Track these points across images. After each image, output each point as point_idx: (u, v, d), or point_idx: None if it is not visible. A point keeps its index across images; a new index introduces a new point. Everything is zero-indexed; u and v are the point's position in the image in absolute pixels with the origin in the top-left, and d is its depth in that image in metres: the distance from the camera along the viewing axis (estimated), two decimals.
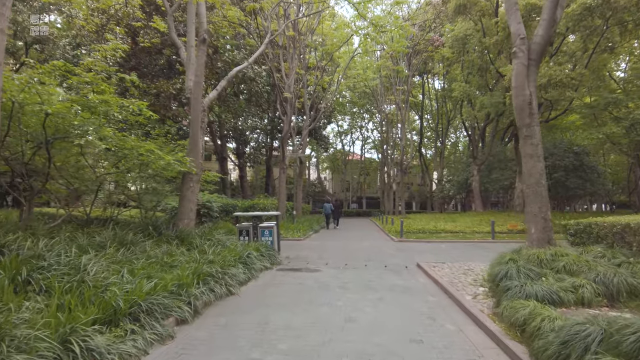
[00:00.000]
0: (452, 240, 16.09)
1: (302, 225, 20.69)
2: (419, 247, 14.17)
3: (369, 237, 18.44)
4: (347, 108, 52.37)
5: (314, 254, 12.40)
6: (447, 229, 18.75)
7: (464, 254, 12.39)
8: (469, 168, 34.63)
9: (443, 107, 44.26)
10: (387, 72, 37.62)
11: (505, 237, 16.92)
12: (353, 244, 15.25)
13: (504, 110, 29.68)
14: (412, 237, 17.09)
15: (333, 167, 60.93)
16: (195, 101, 9.83)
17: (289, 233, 17.49)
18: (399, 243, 15.72)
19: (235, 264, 8.20)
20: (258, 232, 11.34)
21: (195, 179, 9.64)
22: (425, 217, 28.70)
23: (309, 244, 15.59)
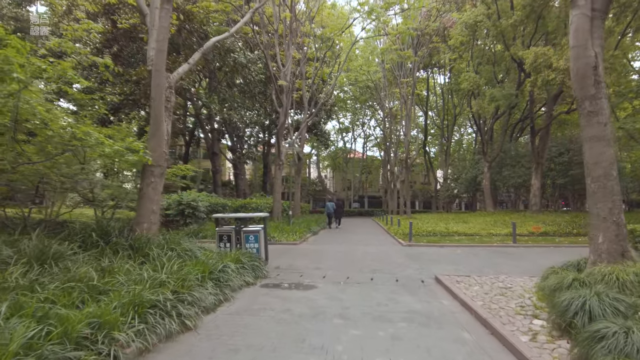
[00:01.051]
0: (469, 245, 14.13)
1: (300, 226, 18.77)
2: (432, 253, 12.22)
3: (374, 241, 16.49)
4: (349, 105, 50.47)
5: (310, 262, 10.46)
6: (460, 231, 16.79)
7: (488, 262, 10.44)
8: (478, 165, 32.66)
9: (449, 101, 42.27)
10: (390, 65, 35.70)
11: (528, 240, 14.95)
12: (356, 249, 13.31)
13: (517, 102, 27.77)
14: (422, 240, 15.12)
15: (334, 165, 58.94)
16: (157, 74, 7.84)
17: (283, 236, 15.56)
18: (408, 248, 13.77)
19: (204, 282, 6.29)
20: (242, 237, 9.40)
21: (158, 172, 7.69)
22: (432, 218, 26.74)
23: (306, 248, 13.65)
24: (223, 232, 9.56)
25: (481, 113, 27.25)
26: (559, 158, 26.46)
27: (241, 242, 9.40)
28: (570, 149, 26.86)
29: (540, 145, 23.72)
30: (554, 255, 11.80)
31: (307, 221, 22.02)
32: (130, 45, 18.03)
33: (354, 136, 57.25)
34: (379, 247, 14.10)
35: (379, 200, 61.60)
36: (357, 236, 18.60)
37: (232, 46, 17.64)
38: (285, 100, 18.35)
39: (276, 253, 12.06)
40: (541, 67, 15.14)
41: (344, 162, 56.25)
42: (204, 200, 17.31)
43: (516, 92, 27.14)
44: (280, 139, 18.43)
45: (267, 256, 9.61)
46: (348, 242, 15.65)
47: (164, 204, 16.45)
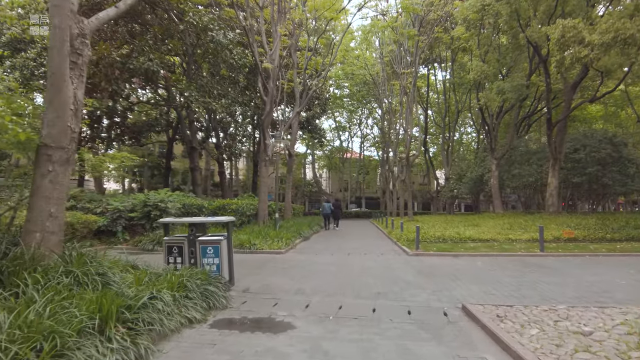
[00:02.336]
0: (488, 254, 11.74)
1: (288, 231, 16.33)
2: (447, 266, 9.81)
3: (373, 248, 14.07)
4: (346, 102, 48.14)
5: (292, 281, 8.02)
6: (474, 237, 14.39)
7: (523, 279, 8.04)
8: (484, 163, 30.31)
9: (451, 97, 39.95)
10: (389, 58, 33.34)
11: (557, 248, 12.54)
12: (352, 261, 10.87)
13: (527, 94, 25.46)
14: (432, 248, 12.70)
15: (330, 165, 56.54)
16: (57, 10, 5.17)
17: (267, 243, 13.12)
18: (416, 258, 11.34)
19: (106, 328, 3.86)
20: (197, 249, 6.96)
21: (59, 157, 5.18)
22: (435, 220, 24.33)
23: (292, 259, 11.21)
24: (173, 242, 7.14)
25: (489, 106, 24.89)
26: (574, 155, 24.14)
27: (196, 256, 6.96)
28: (585, 145, 24.54)
29: (557, 139, 21.39)
30: (599, 268, 9.48)
31: (298, 224, 19.57)
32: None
33: (351, 135, 54.93)
34: (380, 257, 11.66)
35: (376, 201, 59.24)
36: (353, 242, 16.17)
37: (209, 23, 15.23)
38: (271, 86, 15.93)
39: (252, 266, 9.62)
40: (570, 43, 12.85)
41: (340, 162, 53.89)
42: (176, 200, 14.86)
43: (527, 83, 24.87)
44: (266, 132, 16.00)
45: (232, 275, 7.17)
46: (343, 250, 13.21)
47: (129, 205, 14.02)
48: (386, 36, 35.33)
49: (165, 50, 15.15)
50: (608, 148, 23.42)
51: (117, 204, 13.86)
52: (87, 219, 12.72)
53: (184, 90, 16.18)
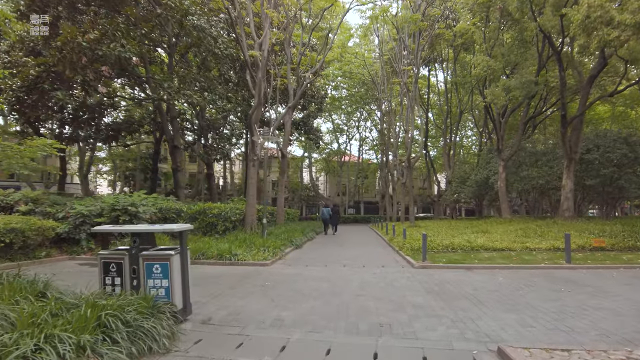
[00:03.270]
0: (508, 266, 10.06)
1: (278, 238, 14.64)
2: (462, 282, 8.13)
3: (373, 259, 12.37)
4: (343, 104, 46.58)
5: (270, 305, 6.32)
6: (487, 245, 12.70)
7: (564, 303, 6.36)
8: (489, 165, 28.66)
9: (454, 97, 38.41)
10: (389, 56, 31.80)
11: (586, 259, 10.86)
12: (349, 276, 9.17)
13: (537, 91, 23.88)
14: (440, 259, 11.01)
15: (328, 169, 54.83)
16: None
17: (251, 253, 11.41)
18: (423, 272, 9.65)
19: None
20: (141, 268, 5.25)
21: None
22: (439, 226, 22.65)
23: (277, 273, 9.50)
24: (110, 258, 5.41)
25: (496, 103, 23.27)
26: (586, 155, 22.50)
27: (139, 277, 5.25)
28: (599, 145, 22.93)
29: (573, 137, 19.77)
30: None
31: (290, 231, 17.87)
32: None
33: (349, 138, 53.22)
34: (381, 270, 9.95)
35: (375, 206, 57.56)
36: (351, 250, 14.47)
37: (190, 7, 13.60)
38: (259, 76, 14.27)
39: (227, 283, 7.93)
40: (597, 25, 11.28)
41: (338, 166, 52.21)
42: (150, 204, 13.15)
43: (536, 80, 23.30)
44: (254, 128, 14.33)
45: (187, 300, 5.44)
46: (338, 261, 11.51)
47: (95, 210, 12.33)
48: (385, 35, 33.90)
49: (140, 35, 13.50)
50: (623, 148, 21.79)
51: (81, 208, 12.16)
52: (42, 224, 11.00)
53: (162, 82, 14.52)
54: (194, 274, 9.33)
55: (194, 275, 9.08)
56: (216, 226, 13.76)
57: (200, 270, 9.70)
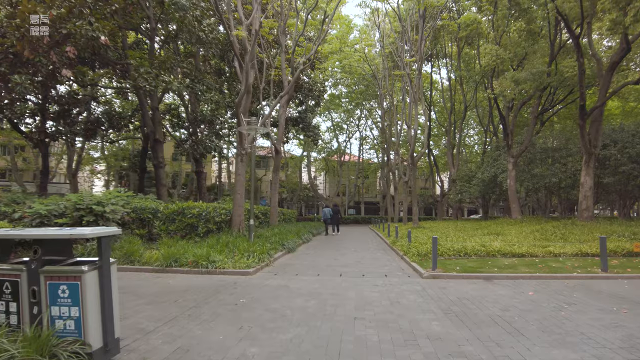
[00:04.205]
0: (533, 276, 8.46)
1: (268, 241, 13.07)
2: (486, 299, 6.54)
3: (374, 265, 10.78)
4: (342, 102, 44.98)
5: (235, 336, 4.70)
6: (504, 250, 11.09)
7: (626, 329, 4.78)
8: (496, 163, 27.04)
9: (458, 92, 36.82)
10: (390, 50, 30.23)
11: (624, 266, 9.24)
12: (344, 290, 7.57)
13: (549, 83, 22.29)
14: (453, 267, 9.40)
15: (327, 168, 53.19)
16: None
17: (233, 259, 9.83)
18: (435, 284, 8.05)
19: None
20: (43, 289, 3.65)
21: None
22: (445, 227, 21.06)
23: (258, 285, 7.89)
24: (5, 274, 3.81)
25: (505, 95, 21.69)
26: (603, 151, 20.91)
27: (40, 303, 3.66)
28: (616, 141, 21.35)
29: (592, 130, 18.15)
30: None
31: (283, 233, 16.27)
32: None
33: (349, 136, 51.56)
34: (385, 281, 8.34)
35: (376, 206, 56.01)
36: (349, 255, 12.87)
37: None
38: (247, 59, 12.67)
39: (191, 301, 6.34)
40: None
41: (338, 165, 50.58)
42: (119, 203, 11.56)
43: (548, 70, 21.74)
44: (241, 118, 12.74)
45: (108, 337, 3.80)
46: (334, 269, 9.91)
47: (58, 209, 10.75)
48: (387, 28, 32.34)
49: (111, 12, 11.92)
50: None
51: (39, 208, 10.57)
52: None
53: (138, 67, 12.96)
54: (156, 287, 7.77)
55: (155, 289, 7.49)
56: (196, 228, 12.17)
57: (167, 281, 8.13)
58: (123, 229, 11.94)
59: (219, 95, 19.04)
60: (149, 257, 9.77)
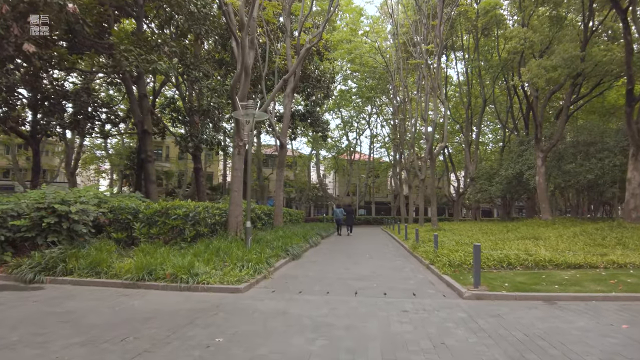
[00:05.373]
0: (608, 296, 6.45)
1: (268, 246, 11.17)
2: (567, 337, 4.55)
3: (396, 279, 8.81)
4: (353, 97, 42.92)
5: None
6: (555, 260, 9.01)
7: None
8: (521, 159, 24.80)
9: (476, 85, 34.63)
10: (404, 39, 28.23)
11: None
12: (362, 320, 5.62)
13: (584, 69, 20.10)
14: (499, 282, 7.39)
15: (337, 167, 51.13)
16: None
17: (222, 270, 7.94)
18: (484, 307, 6.06)
19: None
20: None
21: None
22: (469, 230, 18.98)
23: (247, 310, 5.97)
24: None
25: (535, 83, 19.54)
26: None
27: None
28: None
29: None
30: None
31: (287, 236, 14.32)
32: None
33: (359, 134, 49.36)
34: (415, 303, 6.36)
35: (387, 206, 53.86)
36: (364, 264, 10.90)
37: None
38: (244, 33, 10.77)
39: (150, 336, 4.43)
40: None
41: (348, 164, 48.46)
42: (91, 201, 9.74)
43: (582, 54, 19.55)
44: (236, 103, 10.86)
45: None
46: (346, 284, 7.95)
47: (11, 209, 8.96)
48: (401, 17, 30.34)
49: None
50: None
51: None
52: None
53: (118, 45, 11.17)
54: (111, 314, 5.63)
55: (108, 316, 5.24)
56: (183, 231, 10.29)
57: (131, 302, 6.26)
58: (98, 233, 10.15)
59: (216, 82, 17.18)
60: (119, 267, 7.93)
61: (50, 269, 8.02)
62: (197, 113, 17.87)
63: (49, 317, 5.39)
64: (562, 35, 22.35)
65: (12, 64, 14.28)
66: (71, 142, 33.23)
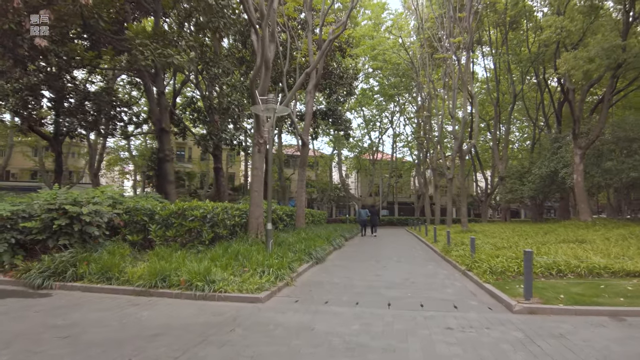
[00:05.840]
0: None
1: (291, 249, 10.52)
2: None
3: (432, 287, 8.01)
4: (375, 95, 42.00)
5: None
6: (611, 266, 8.03)
7: None
8: (555, 157, 23.43)
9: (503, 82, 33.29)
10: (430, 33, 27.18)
11: None
12: (401, 337, 4.87)
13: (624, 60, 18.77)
14: (553, 293, 6.49)
15: (359, 166, 50.19)
16: None
17: (239, 278, 7.31)
18: (538, 324, 5.22)
19: None
20: None
21: None
22: (501, 231, 17.89)
23: (267, 324, 5.30)
24: None
25: (573, 75, 18.32)
26: None
27: None
28: None
29: None
30: None
31: (310, 238, 13.63)
32: None
33: (382, 132, 48.23)
34: (458, 318, 5.55)
35: (410, 207, 52.66)
36: (393, 268, 10.10)
37: None
38: (266, 18, 10.14)
39: (159, 355, 3.78)
40: None
41: (370, 164, 47.46)
42: (107, 202, 9.27)
43: (623, 44, 18.25)
44: (255, 96, 10.24)
45: None
46: (377, 293, 7.19)
47: (22, 210, 8.57)
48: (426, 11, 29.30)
49: None
50: None
51: (3, 208, 8.40)
52: None
53: (133, 39, 10.73)
54: (117, 327, 4.97)
55: (113, 330, 4.58)
56: (200, 234, 9.71)
57: (141, 313, 5.68)
58: (113, 235, 9.67)
59: (236, 78, 16.64)
60: (132, 273, 7.38)
61: (60, 274, 7.55)
62: (217, 112, 17.38)
63: (49, 331, 4.83)
64: (596, 27, 21.02)
65: (33, 64, 14.07)
66: (94, 143, 33.50)
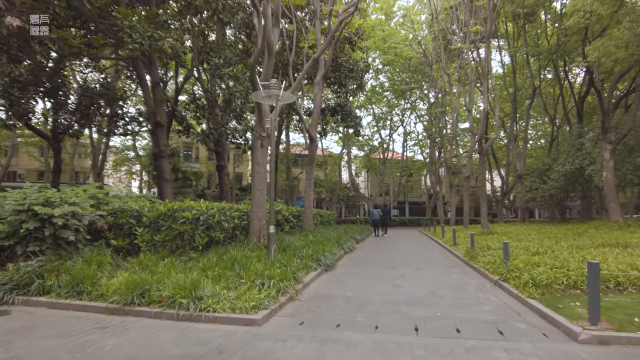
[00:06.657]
0: None
1: (297, 255, 9.33)
2: None
3: (465, 304, 6.75)
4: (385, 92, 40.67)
5: None
6: None
7: None
8: (580, 153, 21.92)
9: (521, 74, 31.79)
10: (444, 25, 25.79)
11: None
12: None
13: None
14: (621, 315, 5.20)
15: (369, 165, 48.84)
16: None
17: (233, 292, 6.12)
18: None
19: None
20: None
21: None
22: (526, 233, 16.48)
23: (265, 359, 4.09)
24: None
25: (603, 63, 16.89)
26: None
27: None
28: None
29: None
30: None
31: (319, 241, 12.41)
32: None
33: (392, 131, 46.77)
34: (509, 351, 4.28)
35: (421, 207, 51.21)
36: (413, 277, 8.83)
37: None
38: (263, 3, 8.99)
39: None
40: None
41: (380, 163, 46.06)
42: (88, 202, 8.15)
43: None
44: (256, 82, 9.07)
45: None
46: (399, 312, 5.93)
47: None
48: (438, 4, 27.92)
49: None
50: None
51: None
52: None
53: (122, 20, 9.63)
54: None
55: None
56: (193, 238, 8.54)
57: (105, 341, 4.50)
58: (96, 240, 8.54)
59: (237, 69, 15.46)
60: (107, 286, 6.22)
61: (24, 287, 6.43)
62: (218, 105, 16.23)
63: None
64: (621, 15, 19.56)
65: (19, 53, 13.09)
66: (98, 142, 32.61)
